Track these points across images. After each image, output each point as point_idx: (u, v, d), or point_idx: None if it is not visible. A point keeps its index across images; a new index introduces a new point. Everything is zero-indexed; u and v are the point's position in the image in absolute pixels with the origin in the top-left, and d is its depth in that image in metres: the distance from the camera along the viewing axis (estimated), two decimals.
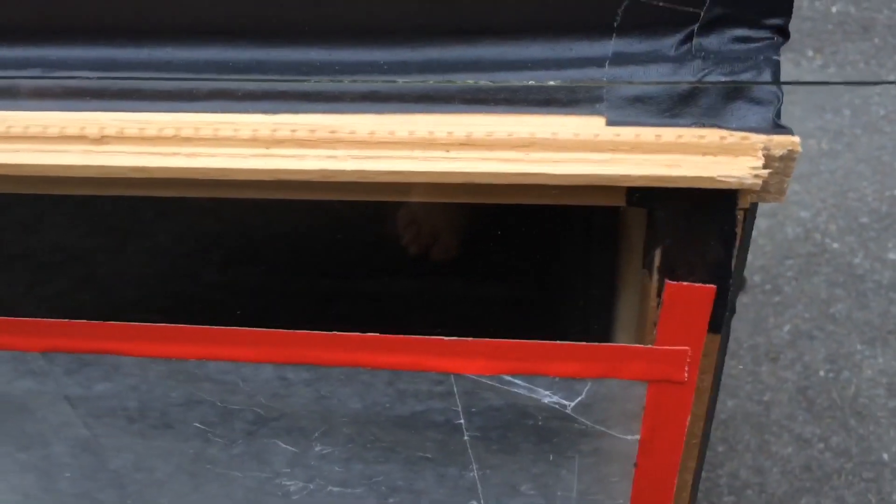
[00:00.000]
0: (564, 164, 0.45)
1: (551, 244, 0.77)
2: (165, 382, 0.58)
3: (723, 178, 0.42)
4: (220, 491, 0.65)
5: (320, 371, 0.55)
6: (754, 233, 1.98)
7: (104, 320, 0.59)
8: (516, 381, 0.52)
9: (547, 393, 0.53)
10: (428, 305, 0.81)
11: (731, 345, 1.64)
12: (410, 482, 0.62)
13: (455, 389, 0.54)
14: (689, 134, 0.44)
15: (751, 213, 0.48)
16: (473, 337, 0.54)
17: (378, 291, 0.83)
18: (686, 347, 0.49)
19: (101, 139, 0.49)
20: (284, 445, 0.61)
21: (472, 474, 0.59)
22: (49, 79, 0.54)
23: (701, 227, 0.46)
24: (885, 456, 1.40)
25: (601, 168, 0.44)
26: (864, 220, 1.88)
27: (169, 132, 0.48)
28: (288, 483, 0.63)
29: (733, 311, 0.52)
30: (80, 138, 0.49)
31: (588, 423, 0.54)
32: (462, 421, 0.56)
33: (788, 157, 0.43)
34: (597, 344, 0.51)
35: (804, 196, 1.96)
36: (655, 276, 0.48)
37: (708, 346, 0.50)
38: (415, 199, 0.49)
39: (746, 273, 1.75)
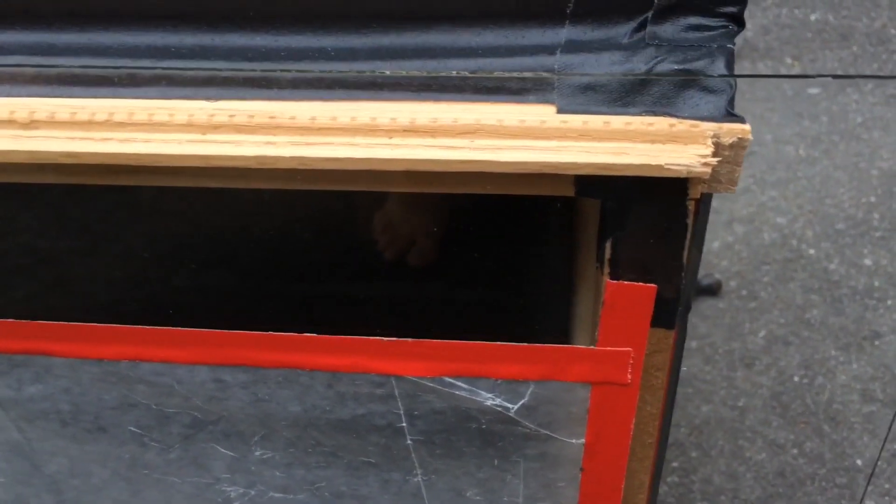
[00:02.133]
0: (510, 151, 0.43)
1: (520, 245, 0.76)
2: (98, 384, 0.56)
3: (671, 166, 0.41)
4: (159, 497, 0.63)
5: (258, 373, 0.53)
6: (730, 238, 1.97)
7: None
8: (458, 382, 0.51)
9: (490, 395, 0.51)
10: (400, 310, 0.79)
11: (706, 350, 1.63)
12: (354, 488, 0.60)
13: (396, 392, 0.52)
14: (638, 122, 0.43)
15: (703, 204, 0.47)
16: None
17: (342, 294, 0.82)
18: (628, 349, 0.47)
19: (31, 124, 0.47)
20: (223, 450, 0.59)
21: (416, 479, 0.58)
22: None
23: (651, 218, 0.44)
24: (859, 462, 1.39)
25: (547, 156, 0.43)
26: (841, 226, 1.88)
27: (101, 117, 0.46)
28: (228, 489, 0.61)
29: (688, 307, 0.50)
30: (9, 122, 0.47)
31: (532, 426, 0.52)
32: (404, 424, 0.55)
33: (739, 146, 0.41)
34: (538, 345, 0.49)
35: (781, 202, 1.96)
36: (607, 270, 0.47)
37: (661, 342, 0.49)
38: (357, 188, 0.47)
39: (722, 278, 1.75)
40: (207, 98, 0.50)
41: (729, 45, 0.47)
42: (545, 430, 0.53)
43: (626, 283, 0.46)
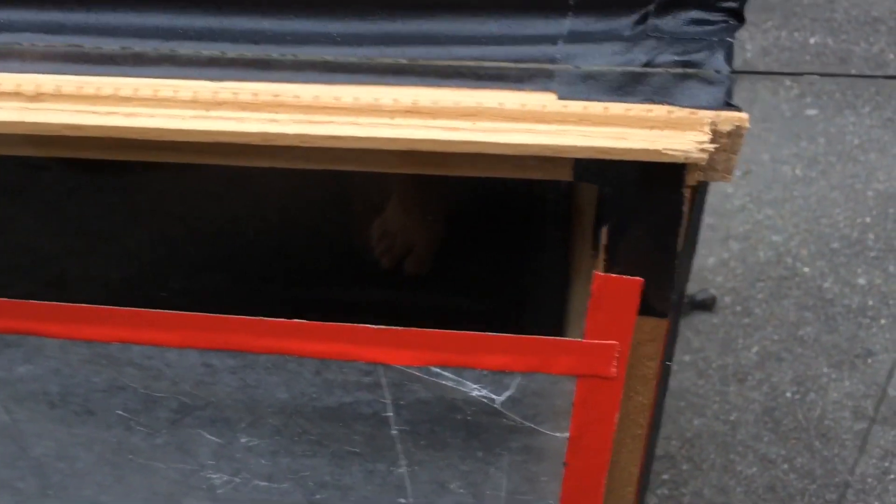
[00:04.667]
0: (510, 133, 0.44)
1: (519, 243, 0.76)
2: (88, 366, 0.56)
3: (668, 151, 0.41)
4: (143, 483, 0.63)
5: (246, 358, 0.53)
6: (726, 255, 1.98)
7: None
8: (444, 372, 0.51)
9: (476, 386, 0.51)
10: (396, 315, 0.79)
11: (700, 364, 1.64)
12: (338, 477, 0.60)
13: (383, 380, 0.53)
14: (638, 108, 0.44)
15: (699, 194, 0.47)
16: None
17: (338, 300, 0.82)
18: (614, 342, 0.47)
19: (37, 96, 0.47)
20: (209, 436, 0.59)
21: (400, 470, 0.57)
22: None
23: (647, 205, 0.45)
24: (849, 478, 1.39)
25: (547, 139, 0.43)
26: (836, 245, 1.89)
27: (107, 91, 0.47)
28: (213, 476, 0.61)
29: (682, 295, 0.51)
30: (15, 95, 0.47)
31: (517, 418, 0.52)
32: (390, 414, 0.55)
33: (736, 133, 0.42)
34: (525, 336, 0.49)
35: (777, 221, 1.97)
36: (602, 257, 0.47)
37: (654, 331, 0.49)
38: (359, 168, 0.48)
39: (717, 294, 1.75)
40: (212, 79, 0.50)
41: (728, 39, 0.48)
42: (530, 422, 0.53)
43: (613, 275, 0.46)
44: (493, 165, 0.46)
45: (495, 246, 0.77)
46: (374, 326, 0.52)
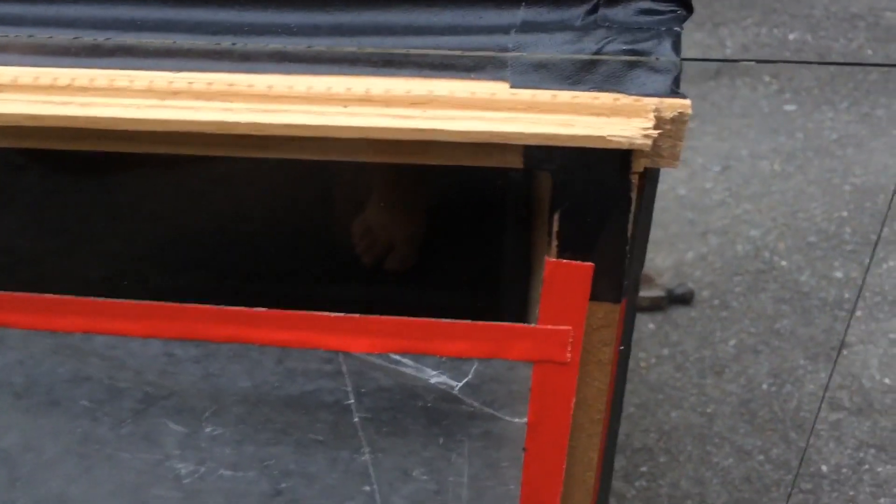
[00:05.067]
0: (461, 121, 0.44)
1: (486, 239, 0.77)
2: (52, 357, 0.56)
3: (614, 137, 0.42)
4: (110, 474, 0.63)
5: (209, 347, 0.54)
6: (704, 249, 1.99)
7: None
8: (404, 359, 0.51)
9: (434, 373, 0.52)
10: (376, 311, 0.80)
11: (677, 357, 1.65)
12: (303, 466, 0.60)
13: (344, 368, 0.53)
14: (585, 96, 0.45)
15: (650, 181, 0.48)
16: None
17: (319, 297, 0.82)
18: (567, 327, 0.48)
19: None
20: (174, 426, 0.59)
21: (364, 458, 0.58)
22: None
23: (596, 190, 0.46)
24: (824, 468, 1.41)
25: (497, 125, 0.44)
26: (812, 239, 1.91)
27: (63, 81, 0.47)
28: (178, 465, 0.61)
29: (637, 281, 0.52)
30: None
31: (476, 404, 0.53)
32: (352, 401, 0.55)
33: (679, 120, 0.43)
34: (481, 323, 0.50)
35: (755, 215, 1.98)
36: (555, 243, 0.48)
37: (608, 317, 0.50)
38: (311, 157, 0.48)
39: (695, 288, 1.77)
40: (169, 70, 0.51)
41: (676, 29, 0.48)
42: (489, 408, 0.53)
43: (564, 261, 0.47)
44: (445, 153, 0.47)
45: (463, 238, 0.77)
46: (333, 314, 0.52)
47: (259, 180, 0.76)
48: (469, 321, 0.51)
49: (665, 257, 1.86)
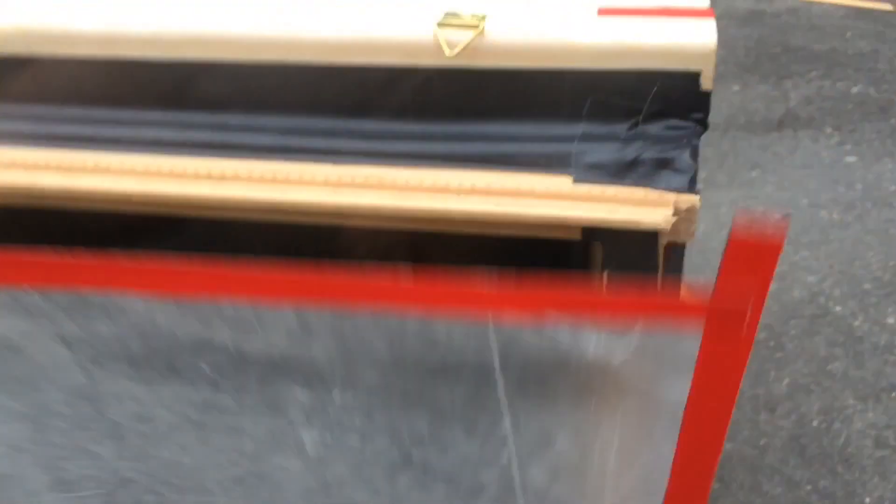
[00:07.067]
0: (543, 208, 0.63)
1: None
2: (174, 324, 0.55)
3: (644, 222, 0.61)
4: (228, 443, 0.61)
5: (345, 313, 0.52)
6: None
7: None
8: (560, 328, 0.49)
9: (591, 341, 0.49)
10: None
11: None
12: (436, 435, 0.58)
13: (492, 336, 0.51)
14: (625, 191, 0.64)
15: (676, 251, 0.67)
16: None
17: None
18: (745, 305, 0.45)
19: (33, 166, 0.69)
20: (300, 394, 0.58)
21: (504, 428, 0.56)
22: None
23: (633, 257, 0.64)
24: (868, 500, 1.50)
25: (564, 211, 0.63)
26: (867, 286, 1.99)
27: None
28: (302, 434, 0.59)
29: None
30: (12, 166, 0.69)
31: (634, 376, 0.50)
32: (497, 370, 0.53)
33: (691, 210, 0.62)
34: (647, 292, 0.48)
35: (812, 262, 2.08)
36: None
37: None
38: (431, 227, 0.69)
39: None
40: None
41: (694, 142, 0.67)
42: (647, 382, 0.51)
43: (749, 240, 0.45)
44: (530, 228, 0.66)
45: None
46: (484, 281, 0.50)
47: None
48: (633, 291, 0.50)
49: None
